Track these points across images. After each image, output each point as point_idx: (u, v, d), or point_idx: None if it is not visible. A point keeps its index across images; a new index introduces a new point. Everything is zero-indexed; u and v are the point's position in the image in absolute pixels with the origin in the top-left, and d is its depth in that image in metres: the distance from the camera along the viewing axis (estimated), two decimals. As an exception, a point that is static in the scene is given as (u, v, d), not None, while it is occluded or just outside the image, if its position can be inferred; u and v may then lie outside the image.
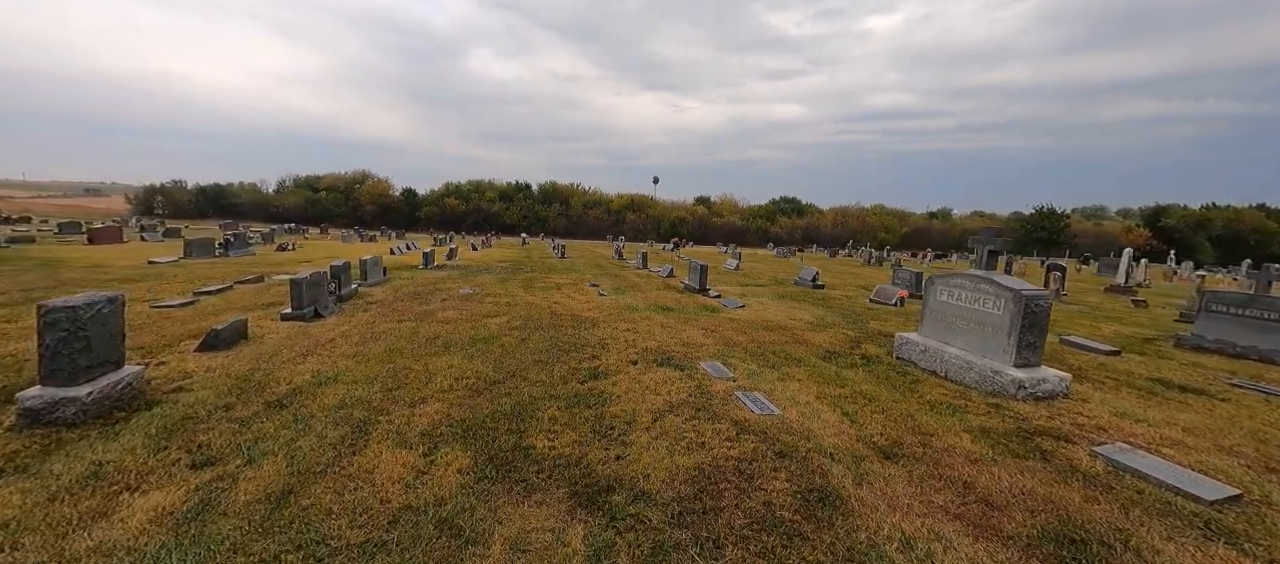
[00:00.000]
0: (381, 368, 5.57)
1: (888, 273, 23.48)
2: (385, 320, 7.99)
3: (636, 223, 67.52)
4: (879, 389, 5.56)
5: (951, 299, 6.29)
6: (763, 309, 10.50)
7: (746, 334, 7.96)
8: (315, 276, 8.29)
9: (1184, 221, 58.48)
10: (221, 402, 4.51)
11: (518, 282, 13.54)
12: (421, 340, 6.79)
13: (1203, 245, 56.31)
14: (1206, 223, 57.84)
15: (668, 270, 16.34)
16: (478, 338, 7.03)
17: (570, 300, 10.66)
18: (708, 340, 7.43)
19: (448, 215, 65.20)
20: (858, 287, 16.02)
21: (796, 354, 6.93)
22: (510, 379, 5.39)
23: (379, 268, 12.26)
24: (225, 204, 66.04)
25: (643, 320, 8.69)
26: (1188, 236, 57.48)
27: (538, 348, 6.65)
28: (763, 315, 9.70)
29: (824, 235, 66.96)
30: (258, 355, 5.84)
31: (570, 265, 19.20)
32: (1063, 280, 13.83)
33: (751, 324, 8.75)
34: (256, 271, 12.89)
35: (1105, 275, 26.50)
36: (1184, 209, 60.91)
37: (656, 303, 10.79)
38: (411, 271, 14.68)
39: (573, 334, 7.49)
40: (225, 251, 16.86)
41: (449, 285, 12.17)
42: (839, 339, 7.91)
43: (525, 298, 10.77)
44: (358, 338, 6.80)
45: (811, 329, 8.57)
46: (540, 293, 11.61)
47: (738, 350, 6.97)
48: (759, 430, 4.25)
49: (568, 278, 14.93)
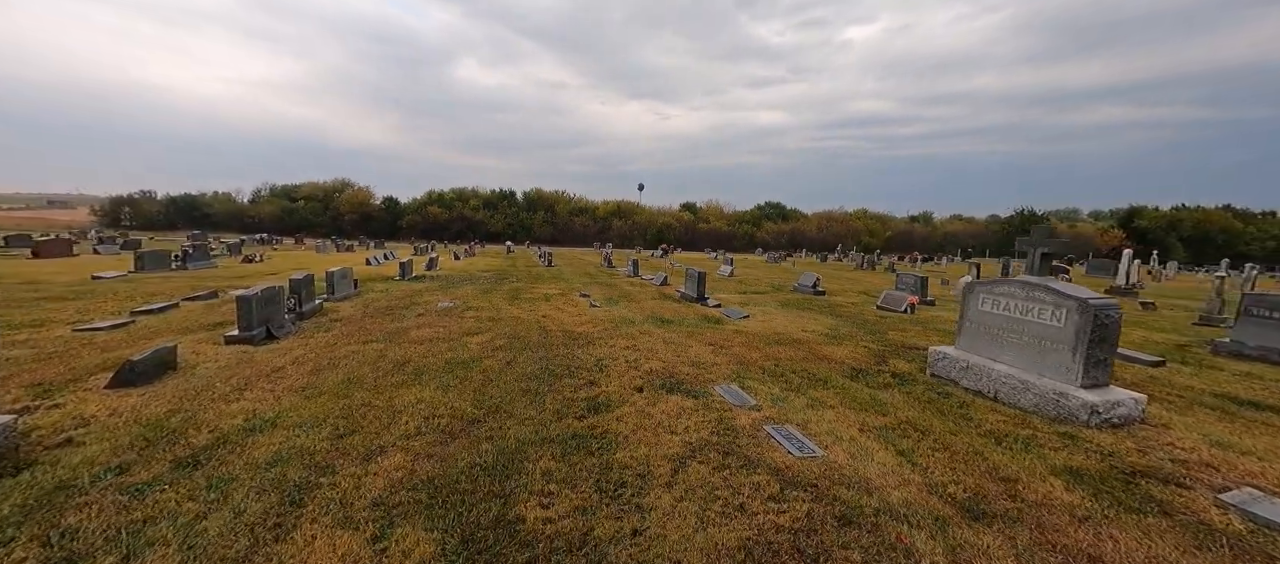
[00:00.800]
0: (334, 405, 4.55)
1: (885, 277, 22.99)
2: (348, 342, 6.94)
3: (622, 229, 66.66)
4: (927, 416, 4.72)
5: (998, 309, 5.51)
6: (769, 319, 9.66)
7: (759, 350, 7.09)
8: (268, 292, 7.21)
9: (1156, 223, 59.65)
10: (116, 460, 3.47)
11: (502, 293, 12.52)
12: (388, 366, 5.78)
13: (1174, 245, 57.38)
14: (1177, 223, 59.06)
15: (661, 278, 15.47)
16: (455, 362, 6.04)
17: (560, 313, 9.70)
18: (718, 358, 6.55)
19: (430, 224, 63.57)
20: (859, 292, 15.33)
21: (820, 373, 6.07)
22: (493, 415, 4.42)
23: (349, 280, 11.15)
24: (197, 215, 63.44)
25: (642, 336, 7.78)
26: (1160, 237, 58.57)
27: (526, 373, 5.68)
28: (771, 327, 8.86)
29: (810, 240, 66.90)
30: (182, 392, 4.77)
31: (558, 274, 18.21)
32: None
33: (762, 337, 7.90)
34: (212, 286, 11.67)
35: (1095, 276, 26.35)
36: (1156, 210, 62.19)
37: (654, 314, 9.89)
38: (386, 284, 13.56)
39: (565, 354, 6.54)
40: (183, 264, 15.52)
41: (426, 298, 11.11)
42: (861, 353, 7.09)
43: (511, 311, 9.78)
44: (311, 365, 5.76)
45: (828, 342, 7.75)
46: (527, 305, 10.62)
47: (754, 370, 6.09)
48: (807, 482, 3.37)
49: (556, 288, 13.95)
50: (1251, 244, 57.50)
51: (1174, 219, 59.48)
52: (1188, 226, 58.29)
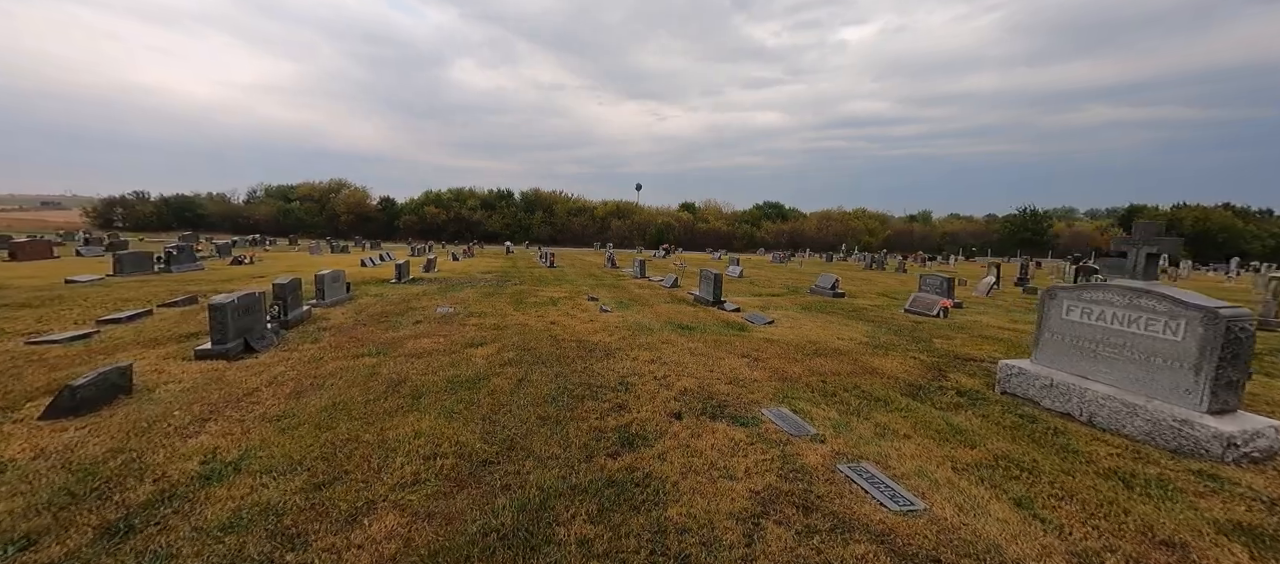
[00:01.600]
0: (314, 441, 3.73)
1: (897, 278, 22.17)
2: (337, 356, 6.11)
3: (621, 229, 65.84)
4: (1023, 448, 3.94)
5: (1090, 319, 4.73)
6: (796, 325, 8.88)
7: (798, 362, 6.30)
8: (246, 299, 6.37)
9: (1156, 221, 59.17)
10: (23, 527, 2.65)
11: (506, 296, 11.69)
12: (381, 387, 4.95)
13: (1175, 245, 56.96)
14: (1177, 222, 58.60)
15: (671, 280, 14.66)
16: (459, 380, 5.22)
17: (570, 319, 8.88)
18: (756, 373, 5.75)
19: (428, 224, 62.64)
20: (877, 293, 14.58)
21: (875, 390, 5.29)
22: (507, 454, 3.61)
23: (341, 284, 10.30)
24: (191, 216, 62.27)
25: (664, 345, 6.97)
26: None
27: (541, 393, 4.87)
28: (801, 334, 8.07)
29: (810, 239, 66.28)
30: (131, 424, 3.94)
31: (562, 276, 17.38)
32: None
33: (796, 347, 7.11)
34: (194, 291, 10.80)
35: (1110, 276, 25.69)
36: (1155, 209, 61.78)
37: (671, 319, 9.09)
38: (382, 287, 12.70)
39: (583, 368, 5.73)
40: (166, 267, 14.61)
41: (425, 303, 10.27)
42: (913, 366, 6.30)
43: (517, 318, 8.95)
44: (292, 385, 4.93)
45: (871, 352, 6.96)
46: (533, 310, 9.79)
47: (800, 388, 5.30)
48: (925, 555, 2.57)
49: (562, 291, 13.12)
50: (1251, 243, 57.16)
51: (1174, 218, 59.04)
52: (1188, 225, 57.87)
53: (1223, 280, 28.94)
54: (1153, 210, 60.84)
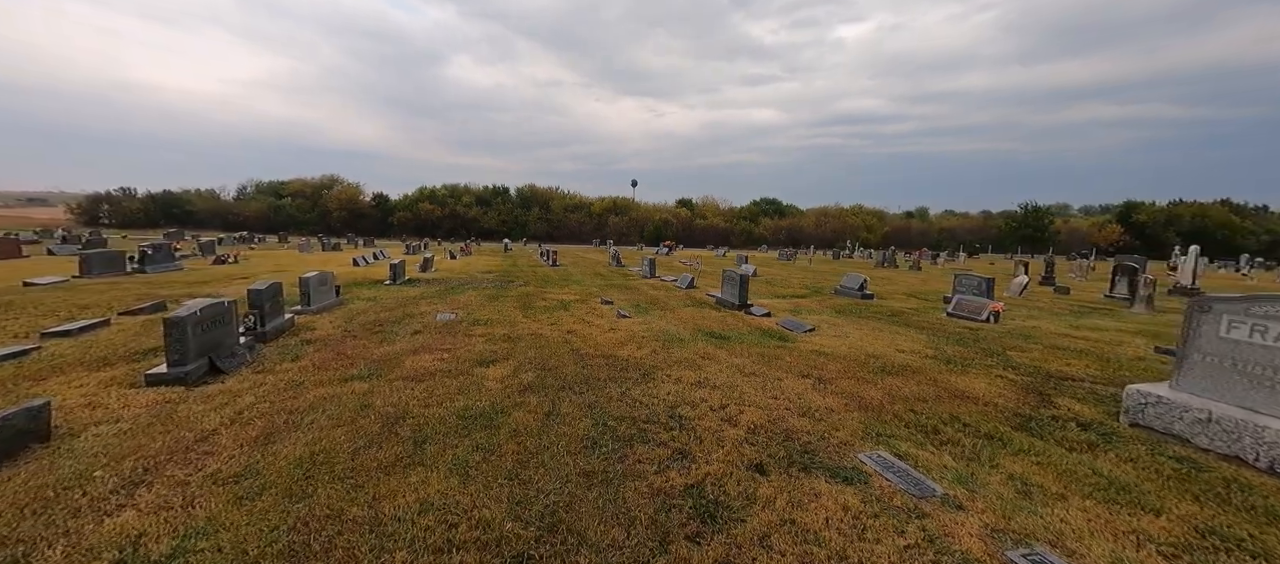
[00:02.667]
0: (283, 519, 2.69)
1: (915, 276, 21.19)
2: (321, 379, 5.04)
3: (619, 226, 64.81)
4: (1222, 515, 2.98)
5: (1267, 339, 3.77)
6: (841, 334, 7.90)
7: (868, 382, 5.31)
8: (211, 310, 5.29)
9: (1154, 218, 58.98)
10: None
11: (512, 300, 10.62)
12: (374, 426, 3.91)
13: (1172, 240, 56.77)
14: (1175, 218, 58.42)
15: (687, 280, 13.64)
16: (471, 414, 4.18)
17: (588, 328, 7.85)
18: (827, 399, 4.76)
19: (422, 221, 61.31)
20: (906, 294, 13.65)
21: (978, 422, 4.31)
22: (550, 537, 2.59)
23: (329, 287, 9.20)
24: (178, 212, 60.50)
25: (705, 361, 5.97)
26: (1157, 232, 57.97)
27: (577, 434, 3.85)
28: (854, 345, 7.09)
29: (808, 236, 65.58)
30: (31, 494, 2.88)
31: (567, 276, 16.32)
32: (1150, 286, 11.63)
33: (856, 362, 6.12)
34: (165, 294, 9.66)
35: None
36: (1152, 205, 61.54)
37: (699, 327, 8.08)
38: (375, 290, 11.59)
39: (620, 395, 4.71)
40: (140, 267, 13.40)
41: (423, 309, 9.20)
42: (1005, 389, 5.33)
43: (528, 326, 7.91)
44: (261, 425, 3.87)
45: (945, 368, 5.98)
46: (545, 317, 8.74)
47: (888, 420, 4.32)
48: None
49: (571, 292, 12.07)
50: (1247, 238, 57.02)
51: (1172, 214, 58.84)
52: (1186, 221, 57.65)
53: (1242, 277, 28.33)
54: (1151, 206, 60.57)
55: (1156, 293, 11.66)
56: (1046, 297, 14.41)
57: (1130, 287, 13.64)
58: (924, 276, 20.35)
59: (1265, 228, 58.62)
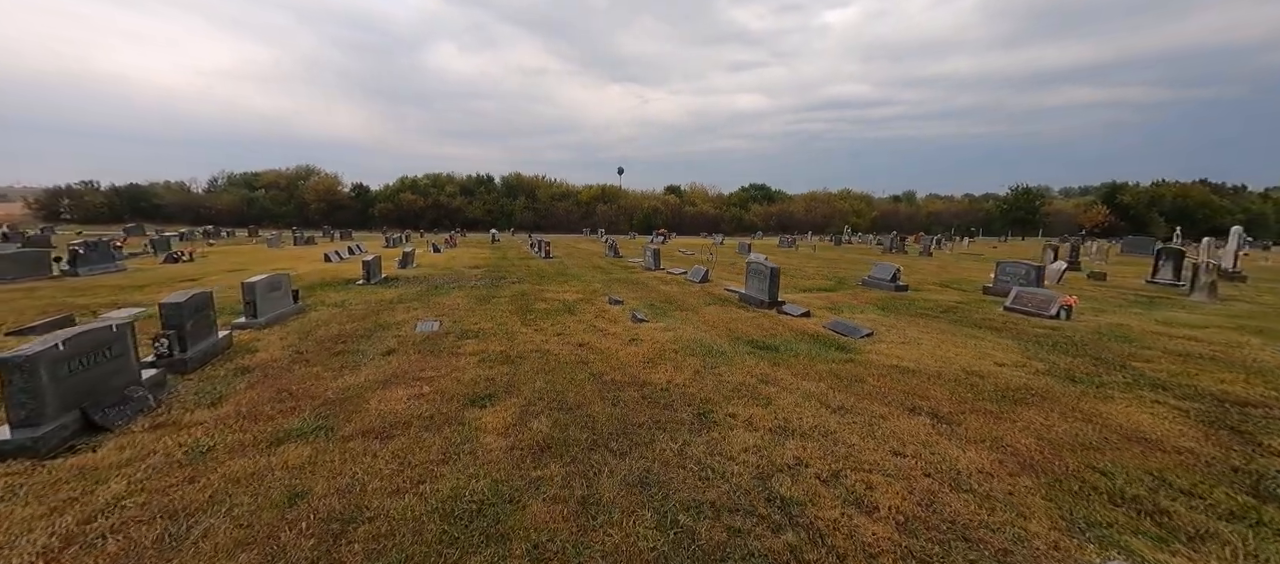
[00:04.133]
0: None
1: (934, 261, 19.79)
2: (240, 443, 3.45)
3: (607, 214, 62.96)
4: None
5: None
6: (905, 338, 6.51)
7: (999, 417, 3.91)
8: (88, 338, 3.67)
9: (1138, 199, 59.02)
10: None
11: (506, 301, 9.03)
12: (304, 545, 2.37)
13: (1155, 220, 56.95)
14: (1158, 199, 58.56)
15: (701, 273, 12.13)
16: (462, 506, 2.66)
17: (603, 338, 6.33)
18: (968, 452, 3.34)
19: (404, 212, 58.73)
20: (937, 283, 12.35)
21: (1204, 489, 2.94)
22: None
23: (283, 293, 7.51)
24: (146, 206, 57.03)
25: (769, 387, 4.51)
26: (1142, 212, 58.08)
27: (633, 547, 2.36)
28: (934, 354, 5.69)
29: (798, 221, 64.58)
30: None
31: (564, 270, 14.70)
32: (1213, 272, 10.42)
33: (956, 382, 4.71)
34: (82, 304, 7.89)
35: (1130, 255, 24.17)
36: (1136, 186, 61.58)
37: (735, 333, 6.63)
38: (345, 292, 9.89)
39: (678, 456, 3.23)
40: (71, 269, 11.47)
41: (400, 315, 7.58)
42: (1182, 425, 3.96)
43: (529, 338, 6.35)
44: (119, 547, 2.30)
45: (1073, 389, 4.60)
46: (548, 324, 7.20)
47: (1076, 489, 2.93)
48: None
49: (573, 290, 10.51)
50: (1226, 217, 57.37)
51: (1155, 195, 58.96)
52: (1168, 202, 57.84)
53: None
54: (1135, 188, 60.66)
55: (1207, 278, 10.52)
56: (1086, 284, 13.25)
57: (1175, 271, 12.55)
58: (941, 263, 19.15)
59: (1242, 206, 59.10)
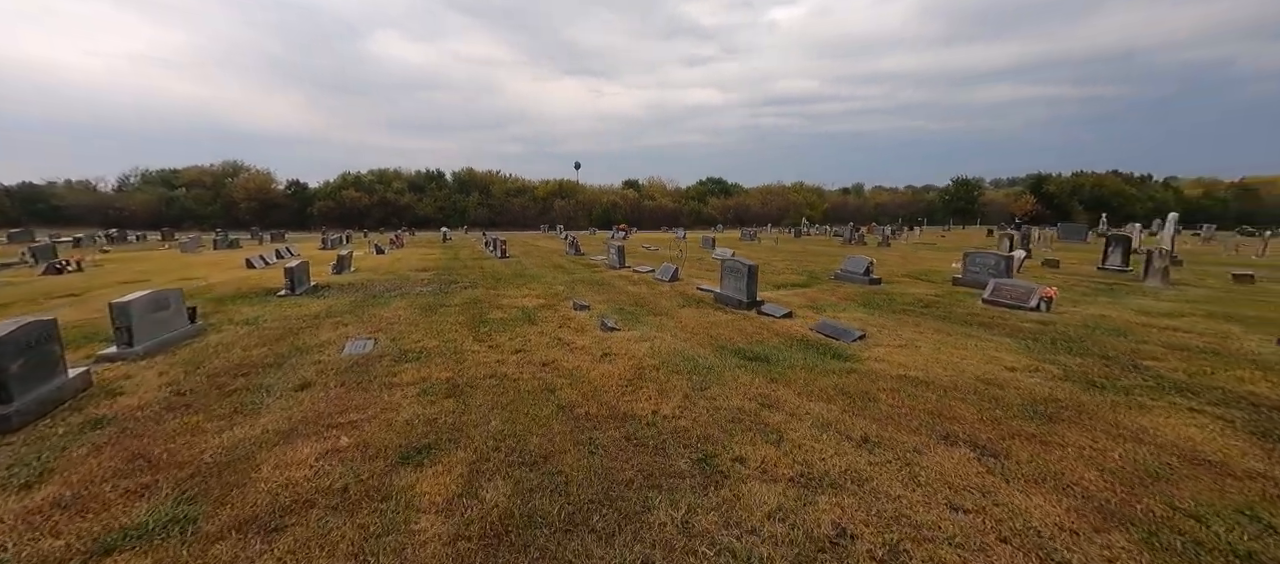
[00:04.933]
0: None
1: (897, 253, 19.85)
2: (46, 561, 2.34)
3: (565, 209, 61.42)
4: None
5: None
6: (901, 340, 5.96)
7: (1045, 442, 3.31)
8: None
9: (1061, 188, 63.25)
10: None
11: (456, 311, 7.91)
12: None
13: (1076, 208, 61.16)
14: (1079, 188, 62.96)
15: (670, 272, 11.34)
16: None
17: (571, 354, 5.41)
18: (1032, 499, 2.69)
19: (348, 211, 54.98)
20: (906, 275, 12.12)
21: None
22: None
23: (176, 311, 6.12)
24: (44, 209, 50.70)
25: (773, 412, 3.75)
26: (1064, 201, 62.25)
27: None
28: (937, 360, 5.13)
29: (754, 214, 65.36)
30: None
31: (522, 270, 13.55)
32: (1166, 258, 10.65)
33: (976, 395, 4.13)
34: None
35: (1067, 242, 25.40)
36: (1060, 177, 65.97)
37: (718, 340, 5.88)
38: (263, 305, 8.46)
39: (681, 527, 2.40)
40: (-90, 287, 9.31)
41: (325, 335, 6.36)
42: (1232, 437, 3.49)
43: (483, 358, 5.34)
44: None
45: (1101, 398, 4.10)
46: (505, 338, 6.19)
47: (1180, 550, 2.29)
48: None
49: (533, 294, 9.47)
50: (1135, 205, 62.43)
51: (1076, 185, 63.34)
52: (1087, 191, 62.25)
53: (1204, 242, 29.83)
54: (1058, 178, 64.91)
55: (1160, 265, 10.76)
56: (1042, 272, 13.43)
57: (1123, 257, 12.89)
58: (901, 254, 19.25)
59: (1148, 195, 64.47)
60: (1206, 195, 67.24)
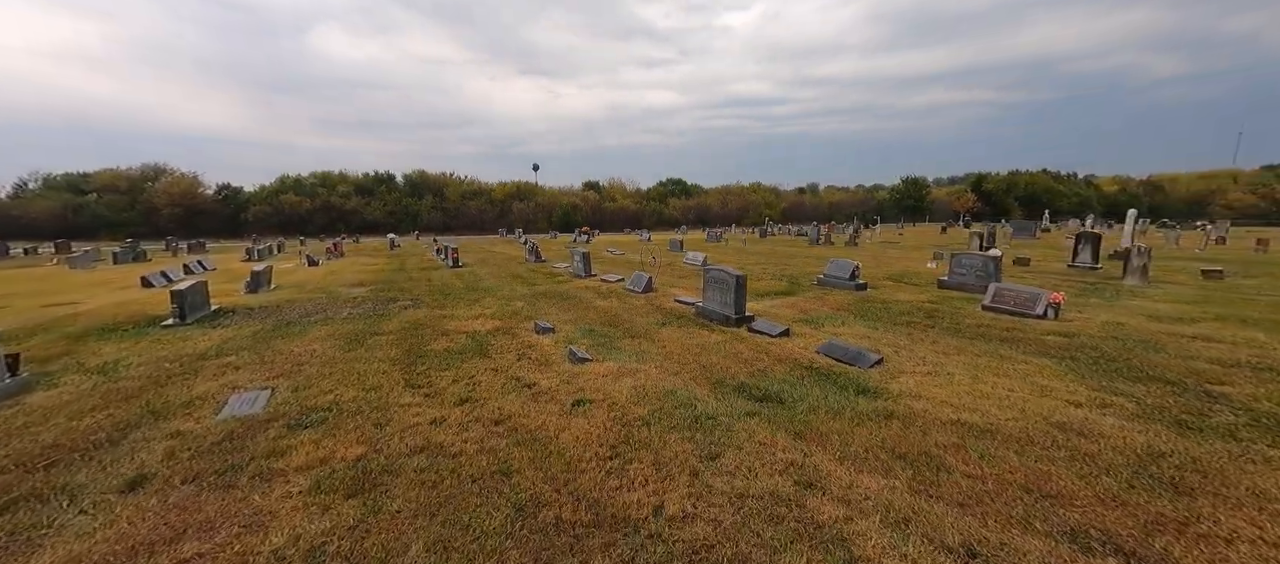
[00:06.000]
0: None
1: (871, 253, 19.40)
2: None
3: (524, 212, 59.21)
4: None
5: None
6: (925, 366, 5.03)
7: (1217, 544, 2.34)
8: None
9: (998, 186, 66.48)
10: None
11: (388, 343, 6.43)
12: None
13: (1012, 205, 64.42)
14: (1014, 186, 66.36)
15: (643, 282, 10.12)
16: None
17: (533, 406, 4.14)
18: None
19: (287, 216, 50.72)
20: (887, 277, 11.45)
21: None
22: None
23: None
24: (-82, 219, 43.97)
25: (834, 510, 2.64)
26: (1001, 198, 65.44)
27: None
28: (981, 394, 4.20)
29: (714, 215, 65.31)
30: None
31: (475, 282, 12.00)
32: (1145, 255, 10.35)
33: (1061, 449, 3.18)
34: None
35: (1018, 239, 26.00)
36: (997, 175, 69.37)
37: (710, 371, 4.77)
38: (134, 341, 6.68)
39: None
40: None
41: (202, 386, 4.80)
42: None
43: (413, 417, 3.98)
44: None
45: (1199, 444, 3.23)
46: (447, 381, 4.83)
47: None
48: None
49: (487, 314, 8.06)
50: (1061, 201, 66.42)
51: (1011, 182, 66.72)
52: (1022, 188, 65.70)
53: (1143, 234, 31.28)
54: (996, 177, 68.15)
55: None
56: (1016, 270, 13.14)
57: (1093, 254, 12.75)
58: (872, 254, 18.84)
59: (1074, 192, 68.83)
60: (1122, 191, 72.61)
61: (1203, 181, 67.93)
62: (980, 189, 66.55)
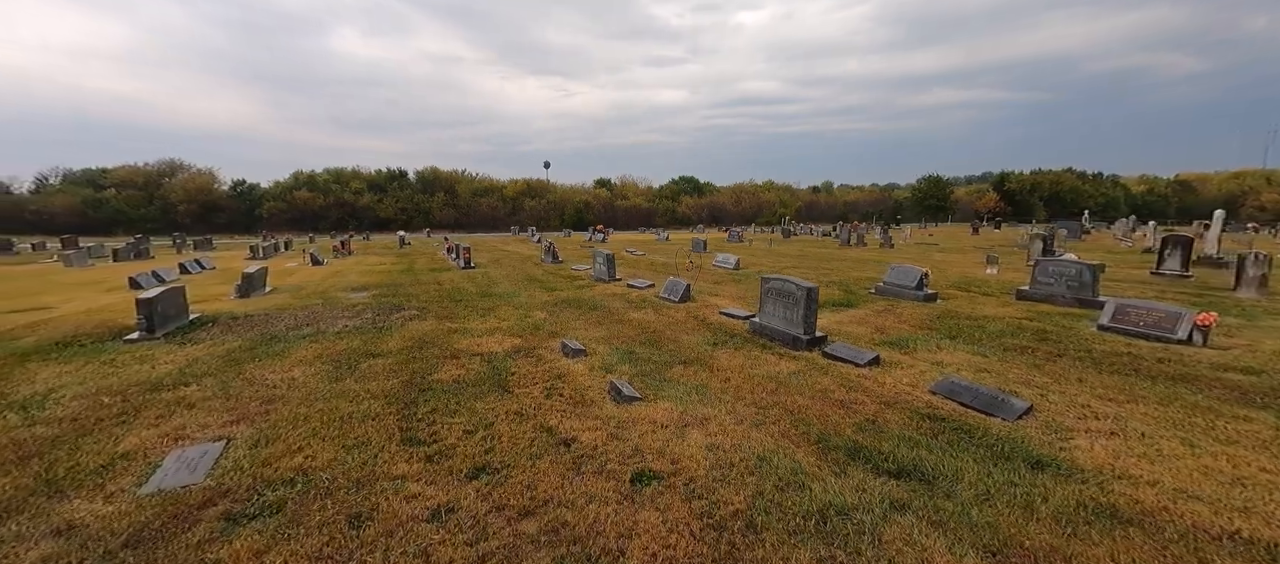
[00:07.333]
0: None
1: (907, 254, 17.73)
2: None
3: (536, 210, 58.20)
4: None
5: None
6: (1110, 430, 3.71)
7: None
8: None
9: (1022, 186, 64.05)
10: None
11: (388, 368, 5.24)
12: None
13: (1036, 205, 62.04)
14: (1038, 186, 63.89)
15: (680, 289, 8.83)
16: None
17: (571, 482, 2.90)
18: None
19: (300, 212, 50.19)
20: (949, 285, 10.04)
21: None
22: None
23: None
24: (-58, 212, 44.03)
25: None
26: (1024, 198, 63.07)
27: None
28: (1226, 472, 2.89)
29: (728, 213, 63.83)
30: None
31: (490, 285, 10.81)
32: (1265, 263, 8.97)
33: None
34: None
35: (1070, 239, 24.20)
36: (1021, 174, 66.88)
37: (807, 424, 3.49)
38: (85, 361, 5.56)
39: None
40: None
41: (128, 443, 3.63)
42: None
43: (405, 502, 2.76)
44: None
45: None
46: (457, 437, 3.60)
47: None
48: None
49: (504, 328, 6.84)
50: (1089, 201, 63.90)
51: (1035, 182, 64.25)
52: (1046, 188, 63.25)
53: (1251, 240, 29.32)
54: (1019, 176, 65.73)
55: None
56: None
57: (1183, 261, 11.23)
58: (912, 257, 17.40)
59: (1101, 192, 66.16)
60: (1150, 191, 69.72)
61: (1234, 181, 65.02)
62: (1002, 188, 64.22)
